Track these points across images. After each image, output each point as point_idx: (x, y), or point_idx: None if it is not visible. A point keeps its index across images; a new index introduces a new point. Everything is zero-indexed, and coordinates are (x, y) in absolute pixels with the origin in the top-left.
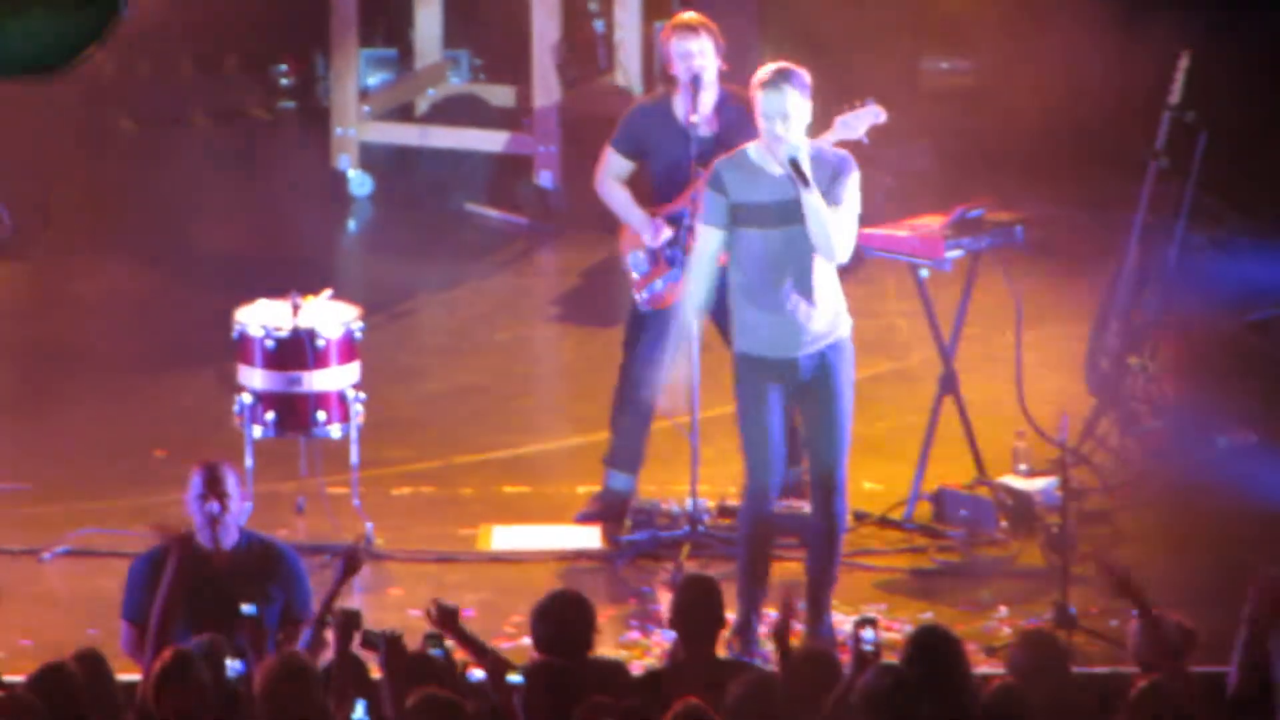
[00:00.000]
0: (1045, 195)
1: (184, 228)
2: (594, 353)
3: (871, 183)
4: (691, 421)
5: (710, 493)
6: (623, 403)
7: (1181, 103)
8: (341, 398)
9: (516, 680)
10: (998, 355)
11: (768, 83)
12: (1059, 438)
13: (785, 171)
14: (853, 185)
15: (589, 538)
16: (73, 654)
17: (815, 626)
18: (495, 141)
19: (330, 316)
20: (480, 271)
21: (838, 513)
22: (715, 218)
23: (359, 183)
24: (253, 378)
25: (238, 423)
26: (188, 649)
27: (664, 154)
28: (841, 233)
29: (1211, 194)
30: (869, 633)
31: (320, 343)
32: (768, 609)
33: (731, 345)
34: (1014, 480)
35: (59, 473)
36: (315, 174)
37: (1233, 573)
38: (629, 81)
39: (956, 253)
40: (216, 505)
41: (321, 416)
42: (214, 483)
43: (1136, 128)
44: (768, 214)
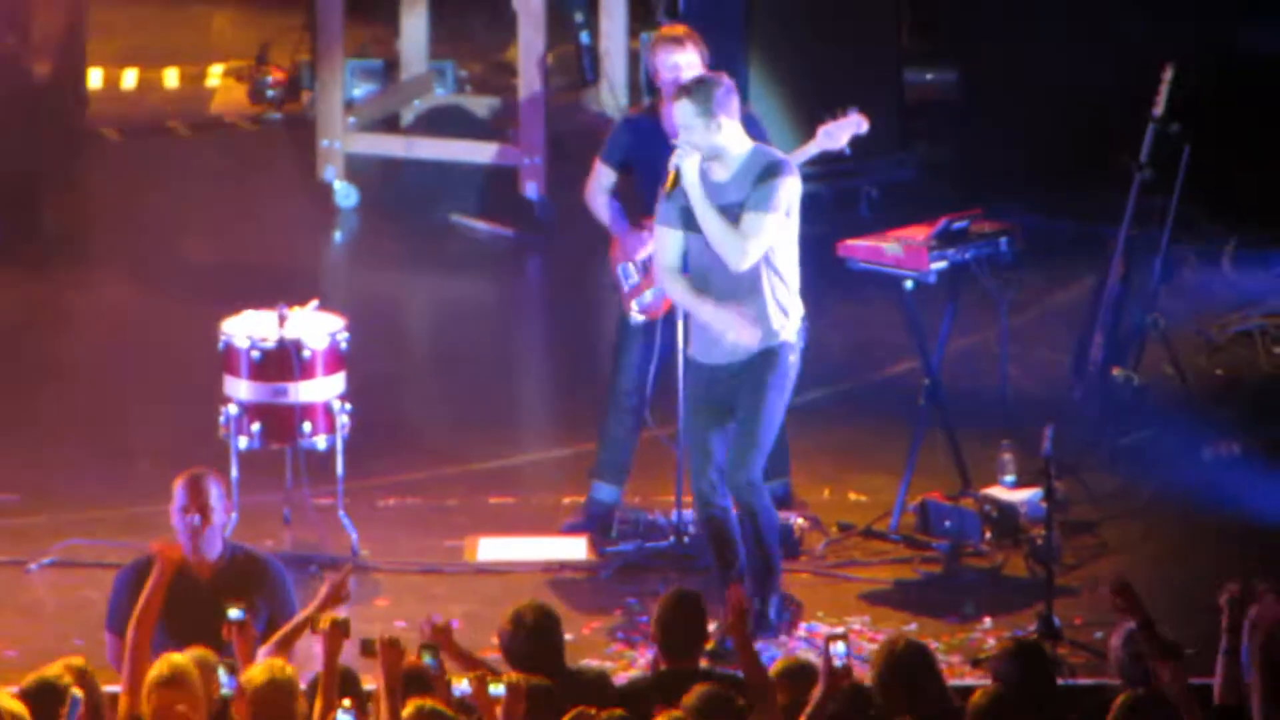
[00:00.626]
0: (1030, 206)
1: (169, 238)
2: (580, 364)
3: (855, 194)
4: (676, 432)
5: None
6: (609, 413)
7: (1165, 115)
8: (327, 409)
9: (498, 692)
10: (982, 366)
11: (673, 96)
12: (1043, 449)
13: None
14: (776, 191)
15: (575, 549)
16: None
17: (758, 621)
18: (481, 153)
19: (316, 327)
20: (466, 283)
21: (754, 509)
22: (665, 218)
23: (345, 194)
24: (238, 389)
25: (224, 434)
26: (184, 660)
27: (651, 166)
28: (735, 240)
29: (1195, 205)
30: (840, 647)
31: (306, 354)
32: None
33: None
34: (999, 492)
35: (45, 483)
36: (301, 185)
37: (1216, 584)
38: (614, 93)
39: (941, 264)
40: (198, 517)
41: (307, 428)
42: (196, 494)
43: (1121, 138)
44: (690, 219)
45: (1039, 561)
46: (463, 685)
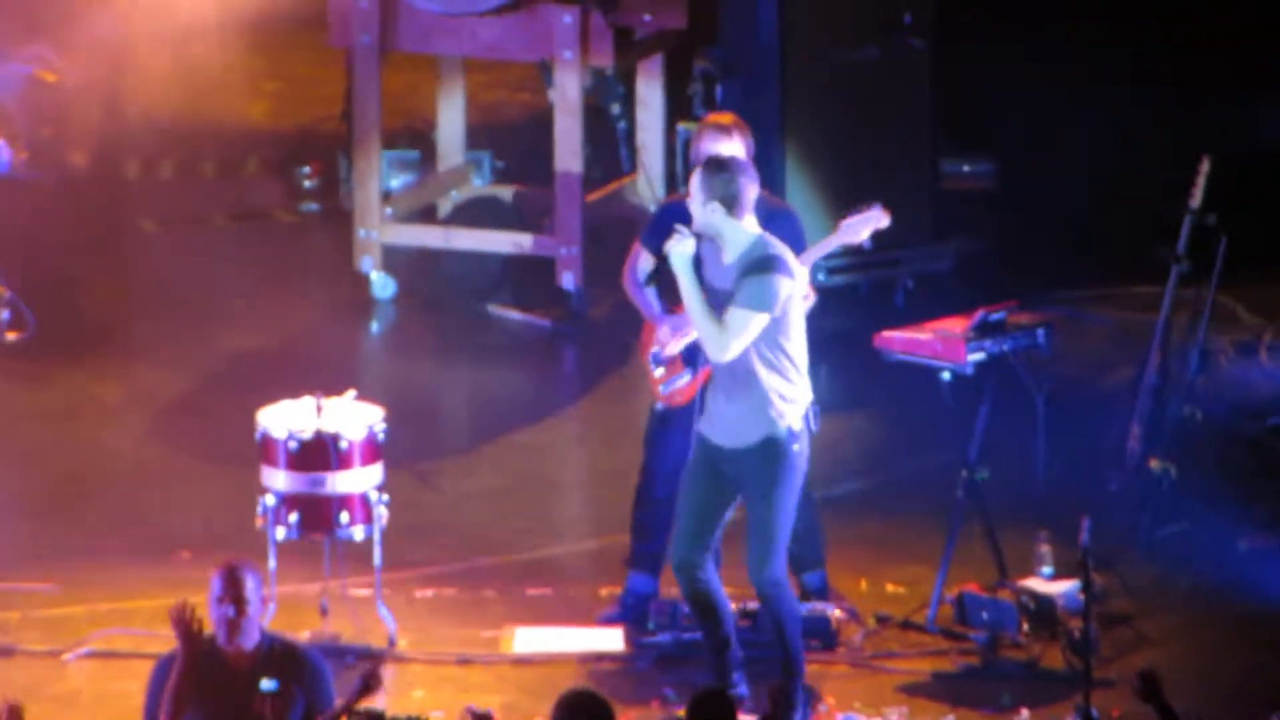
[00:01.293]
0: (1069, 298)
1: (206, 329)
2: (615, 454)
3: (892, 285)
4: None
5: (732, 595)
6: (644, 503)
7: (1203, 206)
8: (365, 499)
9: None
10: (1019, 458)
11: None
12: (1081, 540)
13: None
14: (762, 288)
15: (611, 639)
16: None
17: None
18: (518, 243)
19: (353, 418)
20: (503, 373)
21: (780, 612)
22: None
23: (381, 285)
24: (276, 479)
25: (261, 524)
26: None
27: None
28: (717, 334)
29: (1232, 297)
30: None
31: (344, 444)
32: None
33: None
34: (1036, 583)
35: (83, 573)
36: (338, 276)
37: (1254, 677)
38: (651, 184)
39: (979, 356)
40: (232, 608)
41: (345, 518)
42: (231, 585)
43: (1160, 229)
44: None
45: (1076, 653)
46: None
